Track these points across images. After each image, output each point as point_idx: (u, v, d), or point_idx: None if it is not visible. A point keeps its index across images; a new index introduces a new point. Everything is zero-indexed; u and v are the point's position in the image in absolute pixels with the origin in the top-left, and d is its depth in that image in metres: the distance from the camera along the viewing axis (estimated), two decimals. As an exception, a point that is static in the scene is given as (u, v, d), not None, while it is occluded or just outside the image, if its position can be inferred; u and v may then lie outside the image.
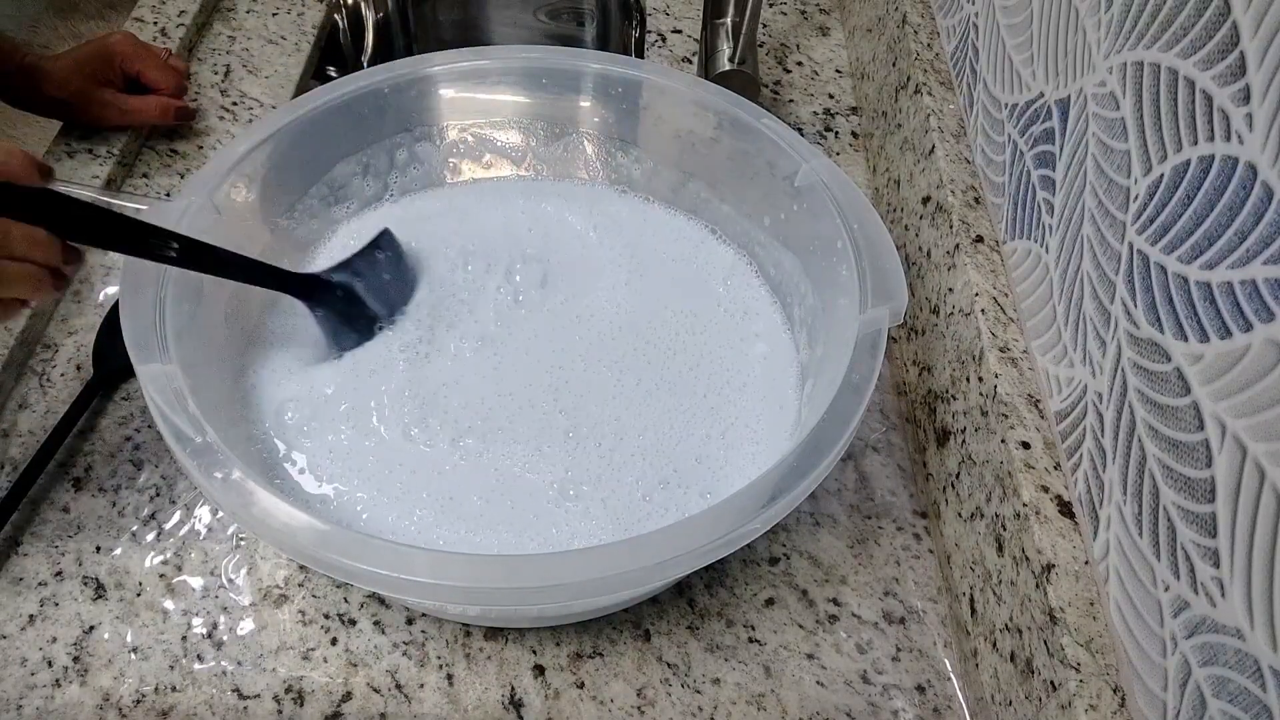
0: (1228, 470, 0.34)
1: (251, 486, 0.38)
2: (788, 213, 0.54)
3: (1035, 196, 0.50)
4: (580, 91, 0.59)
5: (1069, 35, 0.47)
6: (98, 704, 0.45)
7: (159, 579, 0.49)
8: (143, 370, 0.41)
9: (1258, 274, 0.33)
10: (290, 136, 0.52)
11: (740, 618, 0.49)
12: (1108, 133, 0.43)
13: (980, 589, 0.47)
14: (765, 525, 0.38)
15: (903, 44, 0.66)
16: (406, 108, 0.57)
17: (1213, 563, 0.34)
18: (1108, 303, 0.42)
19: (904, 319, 0.50)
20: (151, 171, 0.66)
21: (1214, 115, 0.35)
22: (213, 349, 0.48)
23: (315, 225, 0.57)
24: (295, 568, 0.49)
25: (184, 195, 0.48)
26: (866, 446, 0.57)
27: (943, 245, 0.56)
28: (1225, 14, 0.35)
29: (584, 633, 0.48)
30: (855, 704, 0.47)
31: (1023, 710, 0.42)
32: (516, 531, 0.46)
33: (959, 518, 0.50)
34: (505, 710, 0.46)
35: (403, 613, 0.48)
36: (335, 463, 0.48)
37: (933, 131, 0.59)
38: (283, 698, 0.45)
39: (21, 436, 0.52)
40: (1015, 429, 0.46)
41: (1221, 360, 0.34)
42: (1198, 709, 0.35)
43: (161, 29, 0.72)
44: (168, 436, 0.39)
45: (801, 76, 0.78)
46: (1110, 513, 0.41)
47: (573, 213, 0.60)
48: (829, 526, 0.53)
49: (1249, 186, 0.33)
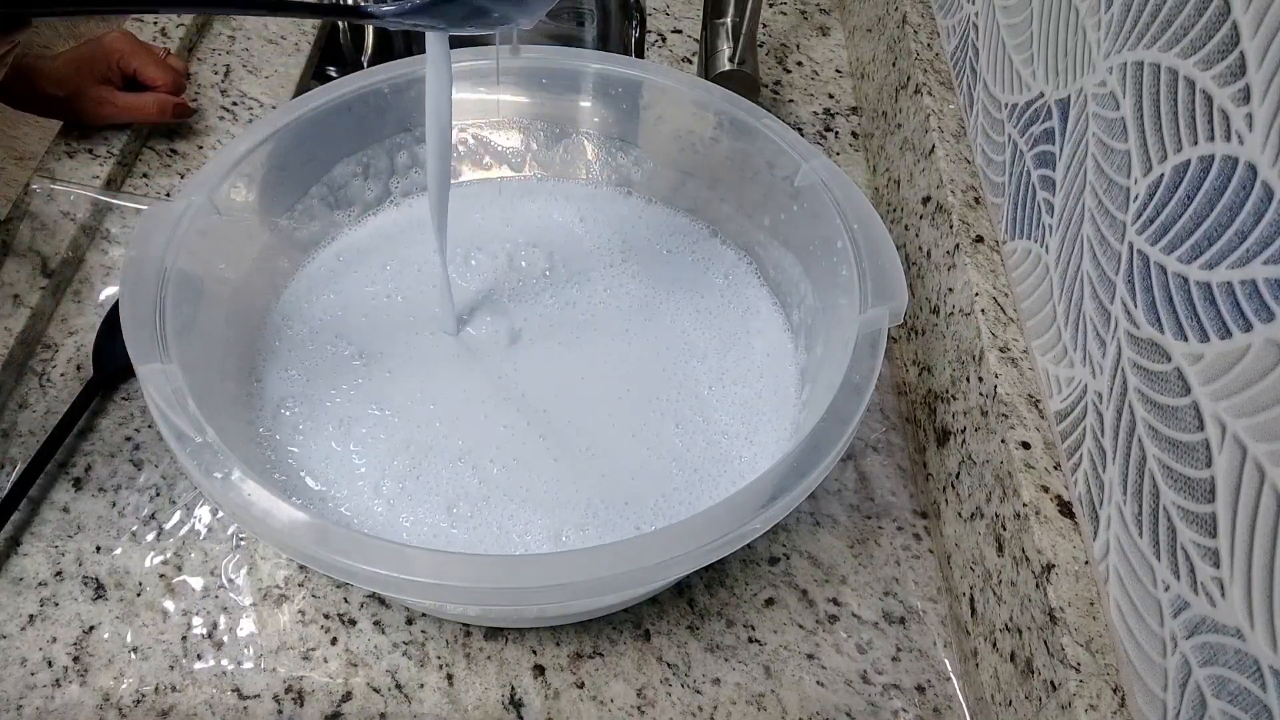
0: (1228, 470, 0.34)
1: (251, 486, 0.38)
2: (788, 213, 0.54)
3: (1035, 196, 0.50)
4: (580, 91, 0.59)
5: (1069, 35, 0.47)
6: (98, 704, 0.45)
7: (159, 579, 0.49)
8: (143, 370, 0.41)
9: (1258, 274, 0.33)
10: (290, 136, 0.52)
11: (740, 618, 0.49)
12: (1108, 133, 0.43)
13: (980, 589, 0.47)
14: (765, 525, 0.38)
15: (903, 44, 0.66)
16: (406, 108, 0.57)
17: (1213, 563, 0.34)
18: (1108, 303, 0.42)
19: (904, 319, 0.50)
20: (151, 171, 0.66)
21: (1214, 115, 0.35)
22: (213, 349, 0.48)
23: (315, 226, 0.57)
24: (295, 568, 0.49)
25: (184, 195, 0.48)
26: (866, 446, 0.57)
27: (943, 245, 0.56)
28: (1225, 14, 0.35)
29: (584, 633, 0.48)
30: (855, 704, 0.47)
31: (1023, 710, 0.42)
32: (516, 528, 0.46)
33: (959, 518, 0.50)
34: (505, 710, 0.46)
35: (403, 613, 0.48)
36: (335, 462, 0.48)
37: (933, 131, 0.59)
38: (283, 698, 0.45)
39: (21, 436, 0.52)
40: (1015, 429, 0.46)
41: (1221, 360, 0.34)
42: (1198, 709, 0.35)
43: (161, 29, 0.72)
44: (168, 436, 0.39)
45: (801, 76, 0.78)
46: (1110, 513, 0.41)
47: (573, 213, 0.60)
48: (829, 526, 0.53)
49: (1249, 186, 0.33)
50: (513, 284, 0.56)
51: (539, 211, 0.60)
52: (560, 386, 0.51)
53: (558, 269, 0.57)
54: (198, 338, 0.46)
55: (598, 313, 0.55)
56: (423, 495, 0.47)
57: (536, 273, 0.57)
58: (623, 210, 0.61)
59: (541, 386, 0.51)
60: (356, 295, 0.55)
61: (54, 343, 0.56)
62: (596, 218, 0.60)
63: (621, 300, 0.56)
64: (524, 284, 0.56)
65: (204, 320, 0.48)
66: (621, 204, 0.61)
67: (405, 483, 0.47)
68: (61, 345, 0.56)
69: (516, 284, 0.56)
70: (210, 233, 0.47)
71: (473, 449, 0.49)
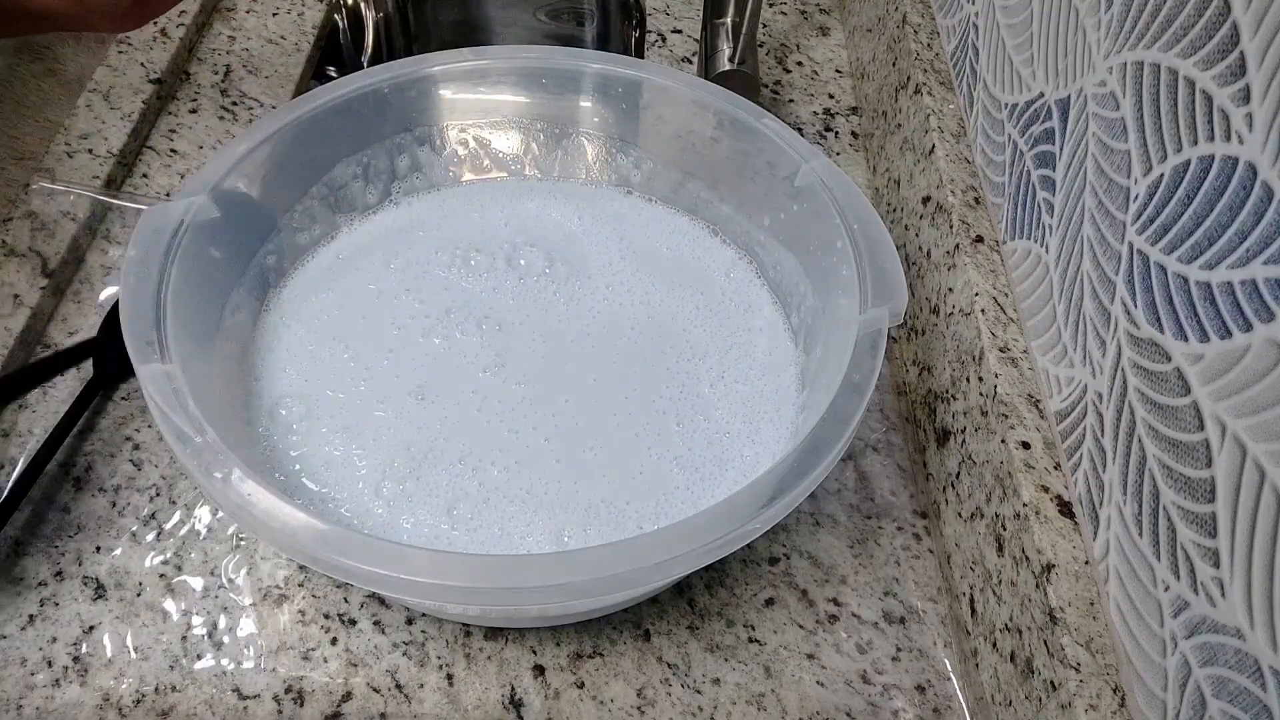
0: (1228, 470, 0.34)
1: (251, 486, 0.38)
2: (788, 213, 0.54)
3: (1035, 196, 0.50)
4: (580, 91, 0.59)
5: (1069, 35, 0.47)
6: (98, 704, 0.45)
7: (159, 579, 0.49)
8: (143, 370, 0.41)
9: (1258, 274, 0.33)
10: (290, 136, 0.52)
11: (740, 618, 0.49)
12: (1108, 133, 0.43)
13: (980, 589, 0.47)
14: (765, 525, 0.38)
15: (903, 44, 0.66)
16: (406, 108, 0.57)
17: (1213, 563, 0.34)
18: (1108, 303, 0.42)
19: (904, 319, 0.50)
20: (151, 171, 0.66)
21: (1214, 115, 0.35)
22: (213, 349, 0.48)
23: (315, 226, 0.57)
24: (295, 568, 0.49)
25: (184, 195, 0.48)
26: (866, 446, 0.57)
27: (943, 245, 0.56)
28: (1225, 14, 0.35)
29: (584, 633, 0.48)
30: (855, 704, 0.47)
31: (1023, 710, 0.42)
32: (517, 529, 0.46)
33: (959, 518, 0.50)
34: (505, 710, 0.46)
35: (403, 613, 0.48)
36: (334, 464, 0.48)
37: (933, 131, 0.59)
38: (283, 698, 0.45)
39: (21, 436, 0.52)
40: (1015, 429, 0.46)
41: (1221, 360, 0.34)
42: (1198, 709, 0.35)
43: (162, 29, 0.72)
44: (168, 436, 0.39)
45: (801, 76, 0.78)
46: (1110, 513, 0.41)
47: (573, 213, 0.60)
48: (829, 526, 0.53)
49: (1249, 186, 0.33)
50: (513, 284, 0.56)
51: (539, 211, 0.60)
52: (561, 386, 0.51)
53: (557, 269, 0.57)
54: (197, 338, 0.46)
55: (598, 312, 0.55)
56: (423, 497, 0.47)
57: (536, 272, 0.57)
58: (622, 210, 0.61)
59: (542, 387, 0.51)
60: (356, 295, 0.55)
61: (54, 343, 0.56)
62: (596, 217, 0.60)
63: (622, 299, 0.56)
64: (524, 284, 0.56)
65: (204, 320, 0.48)
66: (621, 204, 0.61)
67: (405, 484, 0.47)
68: (61, 345, 0.56)
69: (516, 284, 0.56)
70: (210, 233, 0.47)
71: (473, 450, 0.49)
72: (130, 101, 0.66)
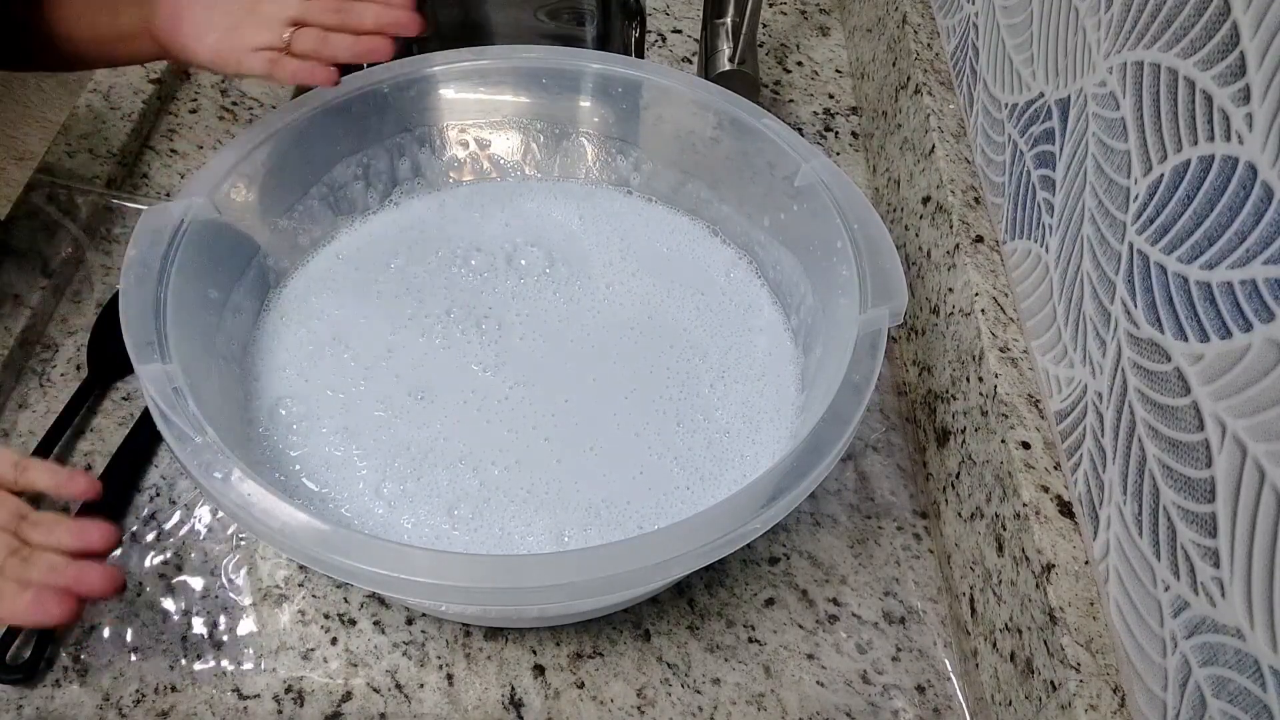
0: (1228, 470, 0.34)
1: (251, 486, 0.38)
2: (788, 213, 0.54)
3: (1035, 196, 0.50)
4: (580, 91, 0.59)
5: (1069, 35, 0.47)
6: (98, 704, 0.45)
7: (159, 579, 0.49)
8: (143, 370, 0.41)
9: (1258, 274, 0.33)
10: (290, 136, 0.52)
11: (740, 618, 0.49)
12: (1108, 133, 0.43)
13: (980, 589, 0.47)
14: (765, 525, 0.38)
15: (903, 44, 0.66)
16: (406, 108, 0.57)
17: (1213, 563, 0.34)
18: (1108, 303, 0.42)
19: (904, 319, 0.50)
20: (151, 171, 0.66)
21: (1214, 115, 0.35)
22: (213, 349, 0.48)
23: (315, 226, 0.57)
24: (295, 568, 0.49)
25: (184, 195, 0.48)
26: (866, 446, 0.57)
27: (943, 245, 0.56)
28: (1225, 14, 0.35)
29: (584, 633, 0.48)
30: (855, 704, 0.47)
31: (1023, 710, 0.42)
32: (518, 529, 0.46)
33: (959, 518, 0.50)
34: (505, 710, 0.46)
35: (403, 613, 0.48)
36: (334, 463, 0.48)
37: (933, 131, 0.59)
38: (283, 698, 0.45)
39: (21, 436, 0.52)
40: (1015, 429, 0.46)
41: (1221, 360, 0.34)
42: (1198, 709, 0.35)
43: (161, 29, 0.72)
44: (168, 436, 0.39)
45: (801, 76, 0.78)
46: (1110, 513, 0.41)
47: (573, 213, 0.60)
48: (829, 526, 0.53)
49: (1249, 186, 0.33)
50: (513, 284, 0.56)
51: (539, 211, 0.60)
52: (562, 386, 0.51)
53: (558, 269, 0.57)
54: (197, 338, 0.46)
55: (598, 312, 0.55)
56: (424, 497, 0.47)
57: (536, 272, 0.57)
58: (622, 210, 0.61)
59: (543, 386, 0.51)
60: (356, 295, 0.55)
61: (54, 343, 0.56)
62: (596, 217, 0.60)
63: (622, 299, 0.56)
64: (524, 284, 0.56)
65: (204, 320, 0.48)
66: (621, 204, 0.61)
67: (406, 484, 0.47)
68: (61, 345, 0.56)
69: (516, 284, 0.56)
70: (210, 233, 0.47)
71: (473, 450, 0.49)
72: (130, 101, 0.66)
